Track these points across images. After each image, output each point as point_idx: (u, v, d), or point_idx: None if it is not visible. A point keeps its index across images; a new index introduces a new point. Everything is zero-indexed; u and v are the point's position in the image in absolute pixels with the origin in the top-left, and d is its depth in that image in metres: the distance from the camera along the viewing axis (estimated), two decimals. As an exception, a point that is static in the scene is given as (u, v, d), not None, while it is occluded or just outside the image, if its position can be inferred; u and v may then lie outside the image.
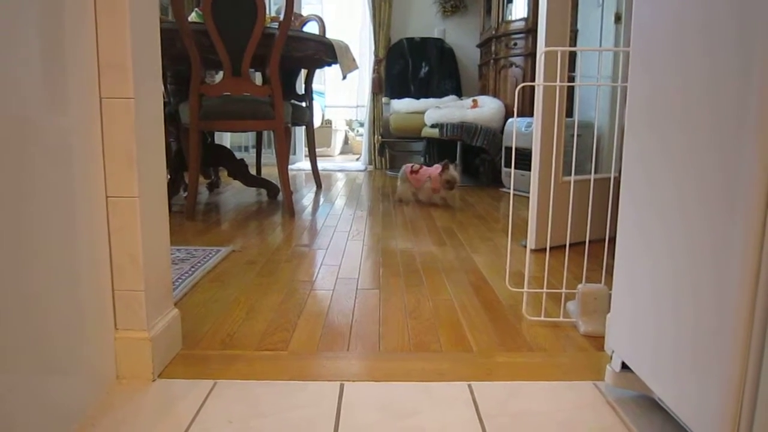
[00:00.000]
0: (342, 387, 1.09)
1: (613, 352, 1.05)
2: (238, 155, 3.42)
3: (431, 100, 4.72)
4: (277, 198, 3.35)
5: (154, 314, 1.12)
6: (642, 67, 0.95)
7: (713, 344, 0.73)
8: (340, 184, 4.25)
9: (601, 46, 2.96)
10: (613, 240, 1.08)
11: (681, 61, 0.82)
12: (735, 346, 0.69)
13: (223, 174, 3.94)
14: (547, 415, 1.00)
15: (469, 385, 1.10)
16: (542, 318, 1.45)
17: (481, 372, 1.17)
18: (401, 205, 3.26)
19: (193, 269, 1.82)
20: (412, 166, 3.30)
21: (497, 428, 0.95)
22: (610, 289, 1.09)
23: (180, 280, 1.70)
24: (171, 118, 2.89)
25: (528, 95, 3.78)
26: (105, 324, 1.06)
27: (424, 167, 3.27)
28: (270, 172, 4.04)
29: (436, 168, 3.18)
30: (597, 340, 1.31)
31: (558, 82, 1.45)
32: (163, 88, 3.04)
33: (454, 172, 3.11)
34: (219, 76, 3.82)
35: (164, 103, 3.12)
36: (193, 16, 2.95)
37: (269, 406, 1.02)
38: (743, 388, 0.69)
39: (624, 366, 1.02)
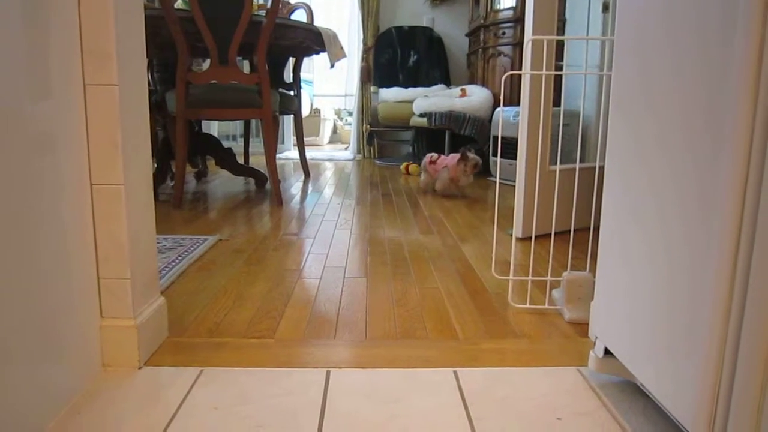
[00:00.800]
0: (328, 374, 1.10)
1: (596, 338, 1.07)
2: (226, 144, 3.40)
3: (420, 89, 4.71)
4: (265, 187, 3.34)
5: (140, 302, 1.12)
6: (623, 55, 0.96)
7: (692, 330, 0.74)
8: (328, 173, 4.24)
9: (588, 35, 2.96)
10: (597, 228, 1.09)
11: (667, 45, 0.83)
12: (713, 332, 0.70)
13: (211, 163, 3.91)
14: (531, 400, 1.01)
15: (455, 372, 1.11)
16: (528, 305, 1.46)
17: (466, 358, 1.18)
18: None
19: (180, 258, 1.81)
20: (431, 156, 3.23)
21: (482, 413, 0.97)
22: (595, 277, 1.10)
23: (167, 269, 1.69)
24: (158, 107, 2.87)
25: (516, 84, 3.79)
26: (90, 312, 1.05)
27: (443, 157, 3.21)
28: (258, 161, 4.03)
29: (453, 157, 3.11)
30: (581, 327, 1.33)
31: (544, 71, 1.45)
32: (148, 75, 3.02)
33: (474, 155, 3.05)
34: (206, 64, 3.79)
35: (151, 92, 3.09)
36: (179, 3, 2.91)
37: (255, 393, 1.02)
38: (720, 373, 0.70)
39: (607, 352, 1.03)
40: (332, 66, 3.36)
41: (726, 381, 0.70)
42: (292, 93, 3.55)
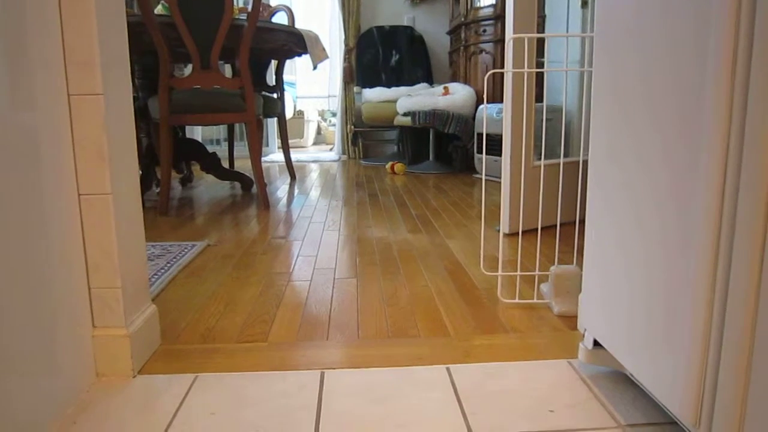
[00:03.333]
0: (322, 375, 1.11)
1: (585, 330, 1.08)
2: (210, 149, 3.39)
3: (403, 89, 4.72)
4: (251, 191, 3.34)
5: (131, 311, 1.12)
6: (604, 50, 0.97)
7: (677, 319, 0.76)
8: (314, 174, 4.24)
9: (568, 31, 2.99)
10: (583, 222, 1.11)
11: (642, 44, 0.85)
12: (697, 320, 0.72)
13: (196, 168, 3.90)
14: (523, 393, 1.03)
15: (447, 368, 1.13)
16: (517, 300, 1.48)
17: (458, 355, 1.19)
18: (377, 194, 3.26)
19: (169, 265, 1.81)
20: None
21: (475, 408, 0.98)
22: (582, 270, 1.12)
23: (156, 276, 1.69)
24: (141, 113, 2.85)
25: (498, 81, 3.82)
26: (82, 322, 1.05)
27: None
28: (243, 164, 4.02)
29: None
30: (570, 320, 1.35)
31: (526, 69, 1.47)
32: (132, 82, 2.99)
33: None
34: (188, 69, 3.77)
35: (133, 98, 3.07)
36: (159, 9, 2.90)
37: (251, 396, 1.03)
38: (706, 360, 0.72)
39: (596, 343, 1.05)
40: (315, 68, 3.36)
41: (712, 367, 0.71)
42: (275, 96, 3.55)
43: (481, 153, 3.80)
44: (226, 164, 3.53)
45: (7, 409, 0.82)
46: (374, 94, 4.75)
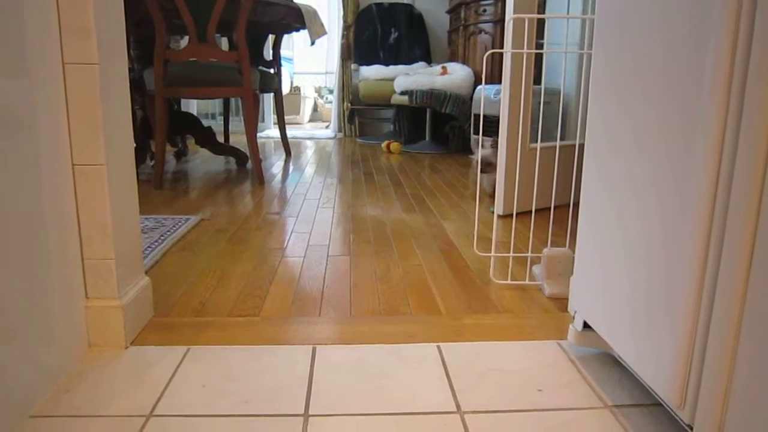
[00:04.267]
0: (314, 350, 1.12)
1: (575, 312, 1.10)
2: (205, 123, 3.37)
3: (400, 67, 4.69)
4: (246, 166, 3.32)
5: (125, 282, 1.12)
6: (608, 29, 0.97)
7: (665, 303, 0.77)
8: (309, 151, 4.23)
9: (569, 12, 2.97)
10: (577, 205, 1.11)
11: (638, 30, 0.84)
12: (685, 304, 0.73)
13: (191, 142, 3.88)
14: (513, 373, 1.04)
15: (438, 346, 1.14)
16: (509, 281, 1.49)
17: (449, 333, 1.20)
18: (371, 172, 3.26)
19: (162, 238, 1.81)
20: None
21: (465, 386, 0.99)
22: (574, 253, 1.13)
23: (150, 249, 1.69)
24: (136, 85, 2.83)
25: (497, 62, 3.79)
26: (76, 292, 1.05)
27: None
28: (238, 139, 4.00)
29: None
30: (561, 302, 1.36)
31: (525, 49, 1.46)
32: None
33: None
34: (184, 42, 3.73)
35: (129, 70, 3.04)
36: (155, -21, 2.86)
37: (242, 369, 1.04)
38: (693, 345, 0.73)
39: (586, 325, 1.06)
40: (312, 43, 3.34)
41: (698, 351, 0.72)
42: (272, 71, 3.52)
43: (478, 134, 3.79)
44: (221, 139, 3.51)
45: (0, 375, 0.82)
46: (372, 72, 4.71)
